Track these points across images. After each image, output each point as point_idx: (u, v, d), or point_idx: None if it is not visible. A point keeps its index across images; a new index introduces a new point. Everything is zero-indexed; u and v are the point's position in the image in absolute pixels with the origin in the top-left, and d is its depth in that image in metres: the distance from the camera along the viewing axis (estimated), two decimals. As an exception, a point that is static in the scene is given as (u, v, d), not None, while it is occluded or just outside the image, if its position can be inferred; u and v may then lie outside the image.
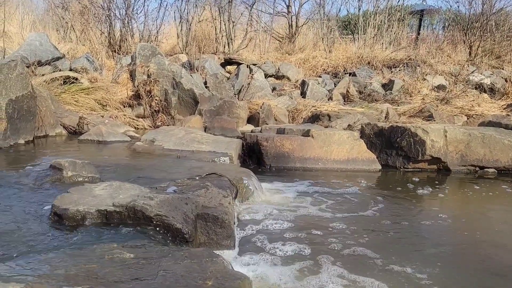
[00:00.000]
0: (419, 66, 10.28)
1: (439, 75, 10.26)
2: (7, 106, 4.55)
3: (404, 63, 10.36)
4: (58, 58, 7.74)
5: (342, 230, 2.78)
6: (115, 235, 1.97)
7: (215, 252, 2.02)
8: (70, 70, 7.68)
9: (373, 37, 11.43)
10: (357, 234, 2.71)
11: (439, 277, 2.15)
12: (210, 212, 2.30)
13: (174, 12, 10.94)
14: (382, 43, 11.49)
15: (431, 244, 2.64)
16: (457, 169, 4.83)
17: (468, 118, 7.97)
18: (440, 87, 9.65)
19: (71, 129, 5.89)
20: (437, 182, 4.39)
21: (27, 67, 6.37)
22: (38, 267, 1.51)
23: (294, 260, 2.26)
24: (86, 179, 2.91)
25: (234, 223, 2.52)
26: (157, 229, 2.06)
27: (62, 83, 7.14)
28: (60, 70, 7.56)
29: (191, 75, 7.75)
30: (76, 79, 7.33)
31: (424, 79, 9.94)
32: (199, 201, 2.39)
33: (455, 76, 10.11)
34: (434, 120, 7.22)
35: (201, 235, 2.27)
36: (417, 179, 4.42)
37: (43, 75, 7.19)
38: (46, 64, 7.51)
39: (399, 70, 10.17)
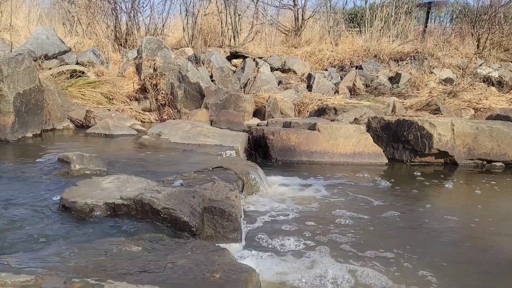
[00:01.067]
0: (426, 59, 10.18)
1: (447, 68, 10.18)
2: (15, 99, 4.57)
3: (411, 56, 10.28)
4: (64, 52, 7.78)
5: (348, 223, 2.78)
6: (123, 228, 1.99)
7: (222, 245, 2.03)
8: (77, 63, 7.71)
9: (380, 30, 11.34)
10: (363, 227, 2.71)
11: (446, 269, 2.15)
12: (217, 206, 2.31)
13: (180, 5, 11.01)
14: (389, 36, 11.41)
15: (438, 238, 2.63)
16: (464, 163, 4.81)
17: (475, 112, 7.91)
18: (448, 80, 9.58)
19: (78, 122, 5.92)
20: (444, 176, 4.37)
21: (34, 60, 6.40)
22: (47, 259, 1.53)
23: (301, 253, 2.27)
24: (93, 172, 2.93)
25: (241, 216, 2.53)
26: (165, 222, 2.07)
27: (69, 76, 7.18)
28: (66, 64, 7.59)
29: (197, 69, 7.75)
30: (83, 72, 7.37)
31: (431, 72, 9.86)
32: (206, 194, 2.40)
33: (462, 69, 10.02)
34: (441, 114, 7.17)
35: (208, 228, 2.28)
36: (424, 173, 4.40)
37: (50, 68, 7.23)
38: (53, 58, 7.55)
39: (406, 63, 10.10)
